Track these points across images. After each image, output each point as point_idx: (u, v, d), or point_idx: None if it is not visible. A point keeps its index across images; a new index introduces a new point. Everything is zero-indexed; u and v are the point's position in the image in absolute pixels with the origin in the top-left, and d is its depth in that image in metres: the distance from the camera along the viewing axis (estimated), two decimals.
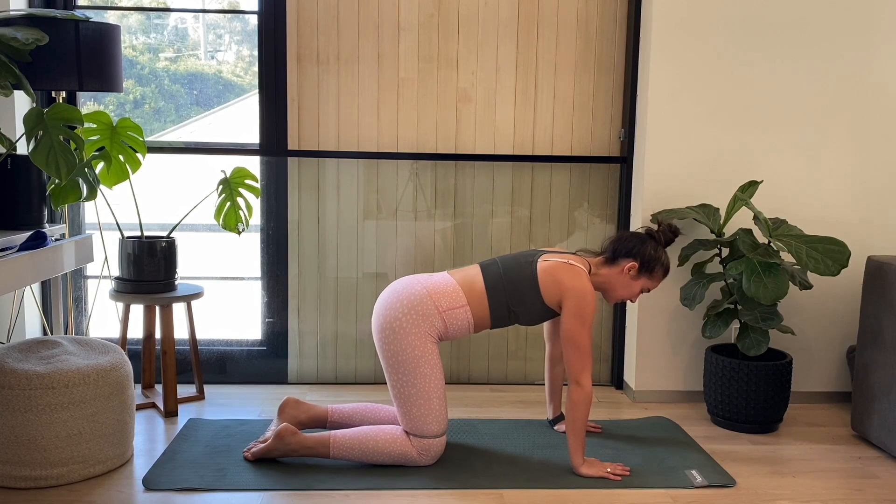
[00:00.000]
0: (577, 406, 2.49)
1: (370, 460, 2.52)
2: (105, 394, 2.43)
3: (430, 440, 2.51)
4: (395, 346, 2.48)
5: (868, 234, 3.27)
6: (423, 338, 2.48)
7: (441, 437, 2.54)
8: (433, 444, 2.52)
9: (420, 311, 2.49)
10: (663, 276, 2.65)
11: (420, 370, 2.47)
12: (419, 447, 2.51)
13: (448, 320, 2.52)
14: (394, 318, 2.49)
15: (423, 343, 2.48)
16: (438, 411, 2.51)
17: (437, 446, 2.53)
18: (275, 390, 3.32)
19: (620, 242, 2.64)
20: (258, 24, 3.27)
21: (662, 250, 2.64)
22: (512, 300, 2.56)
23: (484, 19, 3.31)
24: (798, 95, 3.18)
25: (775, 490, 2.47)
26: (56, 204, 2.64)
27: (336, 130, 3.35)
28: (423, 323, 2.48)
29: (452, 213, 3.42)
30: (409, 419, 2.50)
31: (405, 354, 2.47)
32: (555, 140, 3.40)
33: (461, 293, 2.54)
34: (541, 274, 2.54)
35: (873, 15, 3.16)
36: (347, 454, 2.52)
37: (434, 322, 2.50)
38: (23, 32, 2.47)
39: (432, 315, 2.50)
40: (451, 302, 2.52)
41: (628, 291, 2.64)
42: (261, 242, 3.41)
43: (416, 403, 2.48)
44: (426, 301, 2.50)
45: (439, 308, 2.51)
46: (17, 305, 3.13)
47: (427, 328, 2.49)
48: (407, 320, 2.48)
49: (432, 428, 2.51)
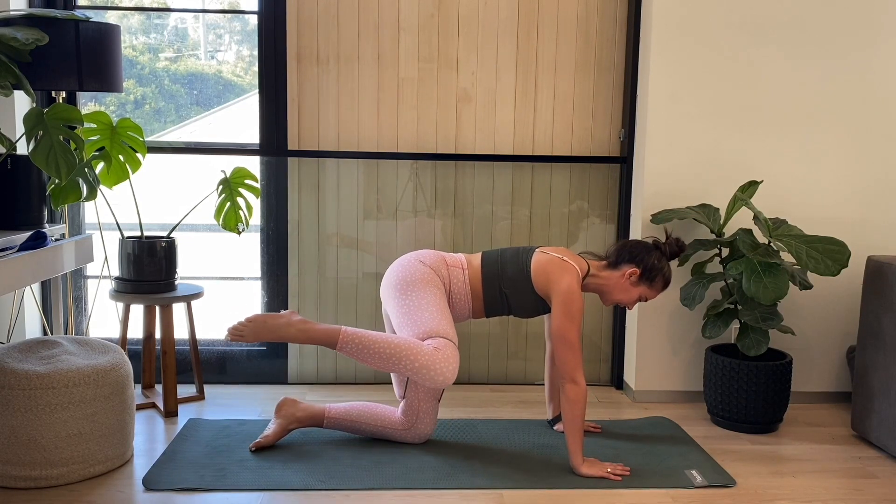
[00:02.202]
0: (574, 403, 2.49)
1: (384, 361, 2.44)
2: (105, 394, 2.43)
3: (444, 340, 2.46)
4: (405, 274, 2.61)
5: (868, 234, 3.27)
6: (431, 274, 2.61)
7: (455, 342, 2.48)
8: (447, 344, 2.45)
9: (428, 260, 2.66)
10: (663, 287, 2.68)
11: (429, 289, 2.58)
12: (434, 343, 2.44)
13: (452, 276, 2.65)
14: (405, 260, 2.67)
15: (432, 277, 2.61)
16: (449, 320, 2.54)
17: (451, 347, 2.45)
18: (275, 390, 3.32)
19: (625, 248, 2.68)
20: (258, 24, 3.27)
21: (666, 262, 2.68)
22: (504, 282, 2.65)
23: (484, 19, 3.31)
24: (798, 95, 3.19)
25: (775, 490, 2.47)
26: (56, 204, 2.64)
27: (336, 130, 3.35)
28: (432, 265, 2.65)
29: (452, 212, 3.42)
30: (421, 323, 2.49)
31: (415, 277, 2.59)
32: (555, 140, 3.40)
33: (464, 259, 2.72)
34: (534, 264, 2.64)
35: (873, 15, 3.16)
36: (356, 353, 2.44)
37: (441, 270, 2.65)
38: (23, 32, 2.47)
39: (440, 266, 2.66)
40: (453, 261, 2.70)
41: (626, 296, 2.67)
42: (261, 242, 3.41)
43: (428, 309, 2.53)
44: (433, 255, 2.69)
45: (445, 262, 2.68)
46: (17, 305, 3.14)
47: (435, 269, 2.64)
48: (417, 261, 2.65)
49: (446, 330, 2.49)
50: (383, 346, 2.44)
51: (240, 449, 2.66)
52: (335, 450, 2.67)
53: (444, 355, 2.42)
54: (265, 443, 2.66)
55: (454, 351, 2.45)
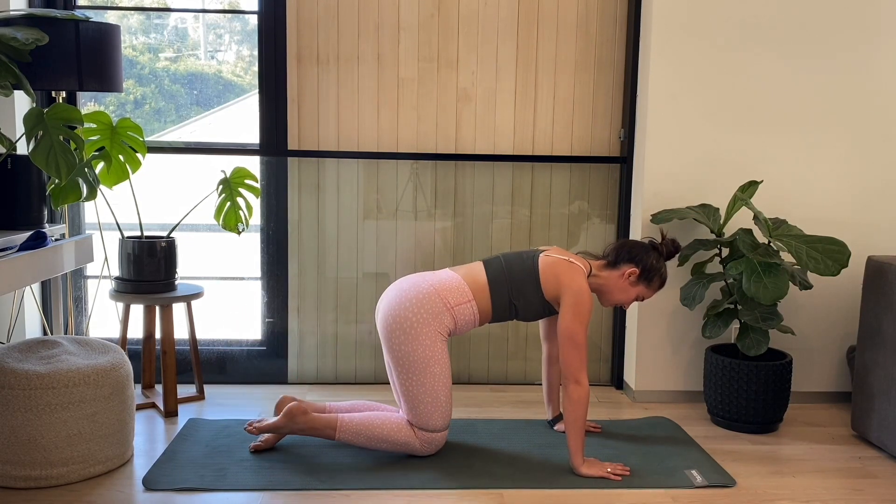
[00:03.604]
0: (576, 405, 2.49)
1: (374, 446, 2.58)
2: (105, 394, 2.43)
3: (434, 434, 2.57)
4: (405, 347, 2.50)
5: (868, 234, 3.27)
6: (434, 337, 2.51)
7: (444, 431, 2.60)
8: (436, 437, 2.59)
9: (430, 309, 2.51)
10: (660, 286, 2.70)
11: (430, 370, 2.51)
12: (423, 439, 2.57)
13: (457, 316, 2.56)
14: (404, 317, 2.51)
15: (434, 342, 2.51)
16: (445, 408, 2.55)
17: (440, 439, 2.61)
18: (275, 390, 3.32)
19: (624, 248, 2.68)
20: (258, 24, 3.27)
21: (663, 262, 2.70)
22: (513, 292, 2.61)
23: (484, 19, 3.31)
24: (798, 95, 3.18)
25: (775, 490, 2.47)
26: (56, 204, 2.64)
27: (336, 130, 3.35)
28: (434, 321, 2.51)
29: (452, 212, 3.42)
30: (415, 414, 2.55)
31: (416, 355, 2.50)
32: (555, 140, 3.40)
33: (467, 288, 2.58)
34: (542, 267, 2.60)
35: (873, 15, 3.16)
36: (353, 438, 2.57)
37: (444, 320, 2.53)
38: (23, 32, 2.47)
39: (442, 313, 2.53)
40: (458, 298, 2.56)
41: (624, 296, 2.68)
42: (261, 242, 3.41)
43: (424, 401, 2.52)
44: (434, 299, 2.53)
45: (448, 305, 2.54)
46: (17, 305, 3.13)
47: (437, 326, 2.52)
48: (417, 320, 2.50)
49: (437, 423, 2.56)
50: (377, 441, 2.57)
51: (240, 449, 2.66)
52: (335, 450, 2.67)
53: (429, 448, 2.60)
54: (265, 446, 2.66)
55: (441, 442, 2.61)
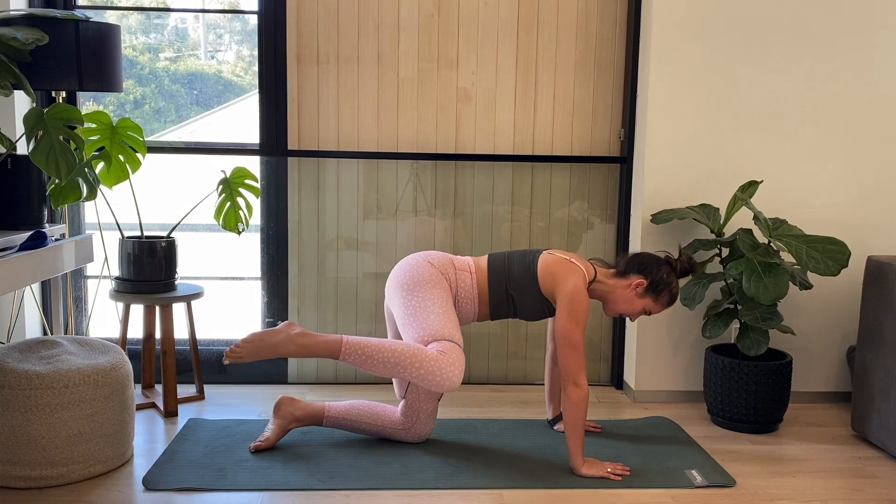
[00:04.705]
0: (576, 406, 2.49)
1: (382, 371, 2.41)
2: (105, 394, 2.43)
3: (450, 343, 2.43)
4: (413, 273, 2.58)
5: (868, 234, 3.27)
6: (439, 277, 2.58)
7: (460, 345, 2.44)
8: (453, 347, 2.42)
9: (436, 262, 2.63)
10: (669, 303, 2.64)
11: (436, 292, 2.55)
12: (439, 349, 2.40)
13: (459, 279, 2.62)
14: (413, 260, 2.64)
15: (440, 280, 2.58)
16: (455, 323, 2.50)
17: (457, 350, 2.41)
18: (275, 390, 3.32)
19: (636, 259, 2.64)
20: (258, 24, 3.27)
21: (675, 278, 2.64)
22: (510, 283, 2.63)
23: (484, 19, 3.31)
24: (798, 95, 3.18)
25: (775, 490, 2.47)
26: (56, 204, 2.64)
27: (336, 130, 3.35)
28: (440, 267, 2.62)
29: (452, 212, 3.42)
30: (426, 326, 2.45)
31: (422, 278, 2.56)
32: (555, 140, 3.40)
33: (471, 263, 2.68)
34: (541, 264, 2.62)
35: (873, 15, 3.16)
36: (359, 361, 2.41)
37: (448, 273, 2.62)
38: (23, 32, 2.47)
39: (447, 268, 2.63)
40: (461, 265, 2.66)
41: (629, 307, 2.63)
42: (261, 242, 3.41)
43: (434, 311, 2.50)
44: (441, 257, 2.66)
45: (453, 265, 2.65)
46: (17, 305, 3.14)
47: (443, 271, 2.61)
48: (426, 262, 2.62)
49: (452, 332, 2.45)
50: (387, 353, 2.40)
51: (240, 449, 2.66)
52: (335, 450, 2.67)
53: (449, 360, 2.39)
54: (265, 445, 2.65)
55: (460, 354, 2.42)
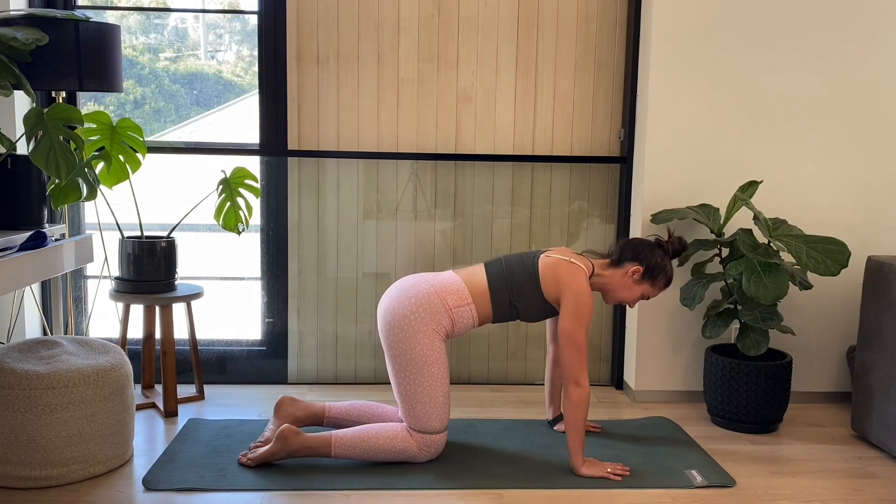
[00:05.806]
0: (577, 406, 2.49)
1: (371, 458, 2.53)
2: (105, 394, 2.43)
3: (432, 436, 2.54)
4: (404, 345, 2.50)
5: (868, 234, 3.27)
6: (432, 336, 2.50)
7: (443, 434, 2.56)
8: (434, 440, 2.55)
9: (428, 308, 2.51)
10: (665, 285, 2.66)
11: (428, 369, 2.50)
12: (420, 443, 2.53)
13: (455, 318, 2.55)
14: (402, 315, 2.51)
15: (432, 342, 2.50)
16: (443, 409, 2.53)
17: (439, 442, 2.56)
18: (275, 390, 3.32)
19: (628, 246, 2.65)
20: (258, 24, 3.27)
21: (668, 260, 2.65)
22: (514, 294, 2.59)
23: (484, 19, 3.31)
24: (798, 95, 3.19)
25: (775, 490, 2.47)
26: (56, 204, 2.64)
27: (336, 130, 3.35)
28: (432, 321, 2.50)
29: (452, 213, 3.42)
30: (413, 416, 2.52)
31: (414, 353, 2.49)
32: (555, 140, 3.40)
33: (466, 291, 2.57)
34: (542, 268, 2.58)
35: (873, 15, 3.16)
36: (349, 453, 2.52)
37: (442, 320, 2.52)
38: (23, 32, 2.46)
39: (440, 313, 2.52)
40: (457, 300, 2.55)
41: (629, 294, 2.65)
42: (261, 242, 3.41)
43: (422, 401, 2.50)
44: (434, 299, 2.52)
45: (447, 305, 2.53)
46: (17, 305, 3.13)
47: (435, 326, 2.51)
48: (416, 318, 2.50)
49: (435, 425, 2.53)
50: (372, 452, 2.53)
51: (240, 449, 2.66)
52: None
53: (427, 452, 2.56)
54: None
55: (440, 445, 2.57)
